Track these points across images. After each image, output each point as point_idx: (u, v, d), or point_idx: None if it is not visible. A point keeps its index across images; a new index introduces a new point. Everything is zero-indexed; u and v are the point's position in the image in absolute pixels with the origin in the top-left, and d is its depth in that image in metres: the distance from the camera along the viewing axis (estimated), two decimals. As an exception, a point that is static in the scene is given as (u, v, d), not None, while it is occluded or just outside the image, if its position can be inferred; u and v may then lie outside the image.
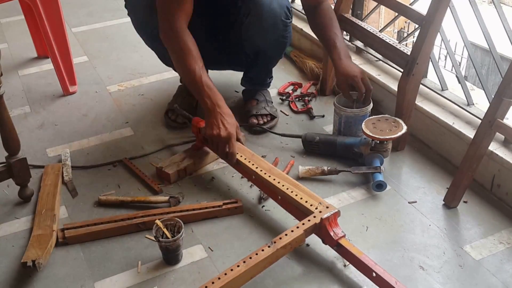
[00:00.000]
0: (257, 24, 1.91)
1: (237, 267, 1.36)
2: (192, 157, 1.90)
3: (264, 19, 1.89)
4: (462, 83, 1.92)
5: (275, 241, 1.43)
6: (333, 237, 1.48)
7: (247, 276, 1.37)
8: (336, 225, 1.50)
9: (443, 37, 1.95)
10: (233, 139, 1.73)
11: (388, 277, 1.37)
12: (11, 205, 1.77)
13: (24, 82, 2.52)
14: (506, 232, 1.64)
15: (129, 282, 1.49)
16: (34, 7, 2.22)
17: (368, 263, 1.42)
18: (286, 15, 1.93)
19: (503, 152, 1.73)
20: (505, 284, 1.47)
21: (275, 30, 1.93)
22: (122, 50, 2.79)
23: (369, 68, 2.28)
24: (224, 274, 1.34)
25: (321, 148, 1.95)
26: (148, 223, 1.64)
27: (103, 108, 2.30)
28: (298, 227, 1.47)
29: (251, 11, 1.90)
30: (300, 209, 1.56)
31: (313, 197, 1.57)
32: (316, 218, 1.49)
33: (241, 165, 1.75)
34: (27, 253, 1.50)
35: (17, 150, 1.69)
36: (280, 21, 1.91)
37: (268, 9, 1.87)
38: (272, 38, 1.96)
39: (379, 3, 2.11)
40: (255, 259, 1.38)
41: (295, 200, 1.57)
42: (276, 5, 1.88)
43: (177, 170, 1.85)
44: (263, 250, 1.40)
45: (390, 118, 1.87)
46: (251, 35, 1.96)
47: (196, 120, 1.91)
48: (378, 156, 1.84)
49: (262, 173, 1.67)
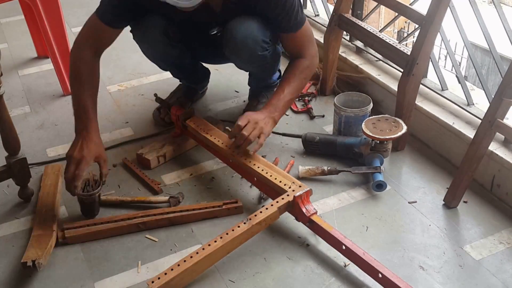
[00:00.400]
0: (234, 57, 1.91)
1: (214, 242, 1.45)
2: (172, 144, 1.97)
3: (239, 54, 1.86)
4: (462, 83, 1.92)
5: (250, 218, 1.51)
6: (306, 213, 1.56)
7: (223, 251, 1.47)
8: (308, 203, 1.58)
9: (443, 37, 1.95)
10: (83, 162, 1.61)
11: (356, 249, 1.46)
12: (11, 205, 1.77)
13: (24, 82, 2.51)
14: (506, 232, 1.64)
15: (129, 282, 1.49)
16: (34, 7, 2.22)
17: (338, 237, 1.50)
18: (262, 48, 1.83)
19: (503, 152, 1.73)
20: (505, 284, 1.47)
21: (253, 62, 1.90)
22: (122, 50, 2.78)
23: (369, 68, 2.28)
24: (202, 249, 1.43)
25: (321, 148, 1.95)
26: (148, 223, 1.64)
27: (103, 108, 2.29)
28: (272, 205, 1.56)
29: (227, 44, 1.86)
30: (275, 189, 1.64)
31: (286, 177, 1.65)
32: (289, 196, 1.57)
33: (218, 150, 1.82)
34: (27, 253, 1.50)
35: (17, 150, 1.69)
36: (256, 56, 1.85)
37: (241, 47, 1.81)
38: (254, 66, 1.95)
39: (379, 3, 2.11)
40: (231, 234, 1.47)
41: (270, 181, 1.65)
42: (250, 42, 1.80)
43: (156, 156, 1.92)
44: (239, 226, 1.49)
45: (390, 118, 1.87)
46: (234, 62, 1.98)
47: (175, 108, 1.98)
48: (378, 156, 1.84)
49: (239, 156, 1.74)
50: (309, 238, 1.62)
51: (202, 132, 1.88)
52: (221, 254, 1.47)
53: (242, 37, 1.79)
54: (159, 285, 1.36)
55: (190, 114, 1.96)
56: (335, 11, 2.20)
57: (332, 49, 2.26)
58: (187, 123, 1.94)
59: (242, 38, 1.79)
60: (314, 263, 1.54)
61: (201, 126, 1.91)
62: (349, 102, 2.03)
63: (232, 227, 1.50)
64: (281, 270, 1.52)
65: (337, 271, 1.51)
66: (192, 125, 1.92)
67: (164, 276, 1.38)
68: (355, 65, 2.32)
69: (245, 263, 1.54)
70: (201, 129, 1.89)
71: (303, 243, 1.60)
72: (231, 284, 1.48)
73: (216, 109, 2.24)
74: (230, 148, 1.76)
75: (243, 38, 1.79)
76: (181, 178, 1.88)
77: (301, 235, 1.63)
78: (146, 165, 1.92)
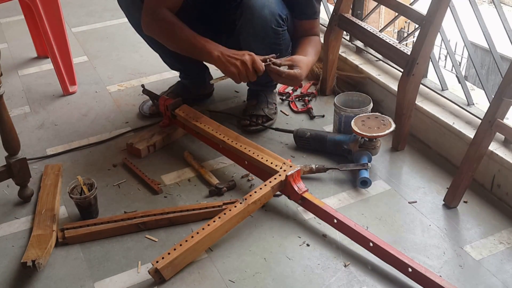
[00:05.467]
0: (247, 29, 1.91)
1: (213, 222, 1.53)
2: (161, 134, 2.03)
3: (254, 25, 1.88)
4: (462, 83, 1.92)
5: (246, 198, 1.59)
6: (297, 191, 1.64)
7: (222, 230, 1.55)
8: (299, 181, 1.66)
9: (443, 37, 1.95)
10: (252, 56, 1.78)
11: (347, 221, 1.55)
12: (11, 205, 1.77)
13: (24, 82, 2.52)
14: (506, 232, 1.64)
15: (129, 282, 1.49)
16: (34, 7, 2.22)
17: (329, 211, 1.58)
18: (278, 23, 1.88)
19: (503, 152, 1.73)
20: (505, 284, 1.47)
21: (265, 37, 1.90)
22: (122, 50, 2.79)
23: (369, 68, 2.28)
24: (202, 229, 1.51)
25: (312, 143, 1.96)
26: (148, 223, 1.64)
27: (103, 108, 2.30)
28: (265, 185, 1.64)
29: (242, 14, 1.89)
30: (266, 171, 1.71)
31: (277, 158, 1.72)
32: (281, 176, 1.65)
33: (209, 136, 1.87)
34: (27, 253, 1.50)
35: (17, 150, 1.69)
36: (270, 28, 1.87)
37: (258, 15, 1.85)
38: (264, 44, 1.93)
39: (379, 3, 2.11)
40: (229, 214, 1.55)
41: (261, 163, 1.72)
42: (267, 12, 1.85)
43: (147, 145, 1.97)
44: (235, 206, 1.57)
45: (379, 116, 1.87)
46: (244, 38, 1.96)
47: (163, 99, 2.02)
48: (367, 154, 1.85)
49: (229, 141, 1.81)
50: (309, 238, 1.62)
51: (192, 121, 1.92)
52: (220, 233, 1.55)
53: (260, 6, 1.84)
54: (164, 264, 1.44)
55: (178, 103, 2.01)
56: (335, 11, 2.20)
57: (332, 49, 2.26)
58: (176, 113, 1.98)
59: (260, 7, 1.84)
60: (314, 263, 1.54)
61: (190, 115, 1.95)
62: (349, 102, 2.03)
63: (229, 206, 1.58)
64: (281, 270, 1.52)
65: (337, 271, 1.51)
66: (181, 114, 1.96)
67: (168, 256, 1.46)
68: (355, 65, 2.32)
69: (245, 263, 1.54)
70: (190, 117, 1.94)
71: (303, 243, 1.60)
72: (231, 284, 1.48)
73: (216, 109, 2.24)
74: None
75: (261, 7, 1.84)
76: (181, 178, 1.88)
77: (301, 235, 1.63)
78: (137, 155, 1.97)
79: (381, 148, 1.91)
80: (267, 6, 1.85)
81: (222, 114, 2.16)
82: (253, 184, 1.82)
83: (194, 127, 1.93)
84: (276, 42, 1.93)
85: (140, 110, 2.23)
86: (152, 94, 2.12)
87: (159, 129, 2.05)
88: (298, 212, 1.71)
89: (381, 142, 1.89)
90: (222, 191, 1.78)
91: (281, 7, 1.89)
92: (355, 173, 1.83)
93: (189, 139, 2.04)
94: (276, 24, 1.88)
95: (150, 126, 2.12)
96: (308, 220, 1.68)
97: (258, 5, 1.84)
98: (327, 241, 1.60)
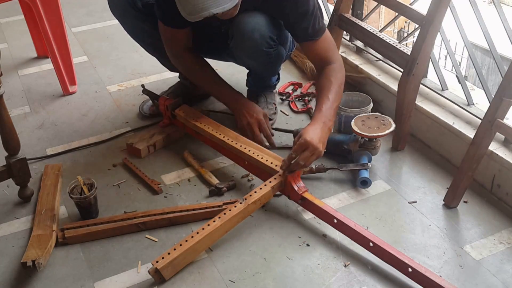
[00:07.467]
0: (239, 51, 1.91)
1: (213, 222, 1.52)
2: (161, 134, 2.03)
3: (245, 48, 1.87)
4: (462, 83, 1.92)
5: (246, 198, 1.59)
6: (297, 191, 1.64)
7: (222, 230, 1.54)
8: (299, 181, 1.66)
9: (443, 37, 1.95)
10: (261, 121, 1.88)
11: (347, 221, 1.54)
12: (11, 205, 1.77)
13: (24, 82, 2.51)
14: (506, 232, 1.64)
15: (129, 282, 1.49)
16: (34, 7, 2.22)
17: (329, 211, 1.58)
18: (269, 45, 1.85)
19: (503, 152, 1.73)
20: (505, 284, 1.47)
21: (257, 57, 1.90)
22: (122, 50, 2.78)
23: (369, 68, 2.28)
24: (202, 229, 1.51)
25: None
26: (148, 223, 1.64)
27: (103, 108, 2.30)
28: (265, 185, 1.64)
29: (233, 37, 1.87)
30: (266, 170, 1.71)
31: (276, 158, 1.72)
32: (281, 176, 1.65)
33: (208, 136, 1.88)
34: (27, 253, 1.50)
35: (17, 150, 1.69)
36: (261, 51, 1.86)
37: (248, 38, 1.82)
38: (257, 62, 1.95)
39: (379, 3, 2.11)
40: (229, 214, 1.54)
41: (261, 163, 1.72)
42: (257, 36, 1.81)
43: (147, 145, 1.97)
44: (235, 206, 1.56)
45: (379, 116, 1.87)
46: (238, 57, 2.00)
47: (163, 99, 2.02)
48: (366, 154, 1.85)
49: (229, 141, 1.81)
50: (309, 238, 1.62)
51: (192, 120, 1.93)
52: (220, 233, 1.55)
53: (250, 30, 1.81)
54: (164, 264, 1.44)
55: (178, 103, 2.01)
56: (335, 11, 2.20)
57: (332, 49, 2.26)
58: (176, 113, 1.98)
59: (250, 31, 1.81)
60: (314, 263, 1.54)
61: (190, 115, 1.96)
62: (349, 102, 2.03)
63: (229, 206, 1.58)
64: (281, 270, 1.52)
65: (337, 271, 1.51)
66: (181, 114, 1.97)
67: (168, 256, 1.46)
68: (355, 65, 2.32)
69: (245, 263, 1.54)
70: (190, 117, 1.95)
71: (303, 243, 1.60)
72: (231, 284, 1.48)
73: (216, 109, 2.24)
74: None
75: (251, 31, 1.81)
76: (181, 178, 1.88)
77: (301, 235, 1.63)
78: (137, 155, 1.97)
79: (381, 148, 1.91)
80: (257, 30, 1.81)
81: (222, 114, 2.16)
82: (253, 184, 1.82)
83: (194, 127, 1.93)
84: (269, 61, 1.94)
85: (140, 110, 2.23)
86: (152, 94, 2.12)
87: (159, 129, 2.05)
88: (298, 212, 1.71)
89: (381, 142, 1.89)
90: (222, 191, 1.78)
91: (271, 27, 1.83)
92: (355, 173, 1.83)
93: (189, 139, 2.04)
94: (267, 46, 1.85)
95: (150, 126, 2.13)
96: (308, 220, 1.68)
97: (248, 29, 1.80)
98: (327, 241, 1.60)
